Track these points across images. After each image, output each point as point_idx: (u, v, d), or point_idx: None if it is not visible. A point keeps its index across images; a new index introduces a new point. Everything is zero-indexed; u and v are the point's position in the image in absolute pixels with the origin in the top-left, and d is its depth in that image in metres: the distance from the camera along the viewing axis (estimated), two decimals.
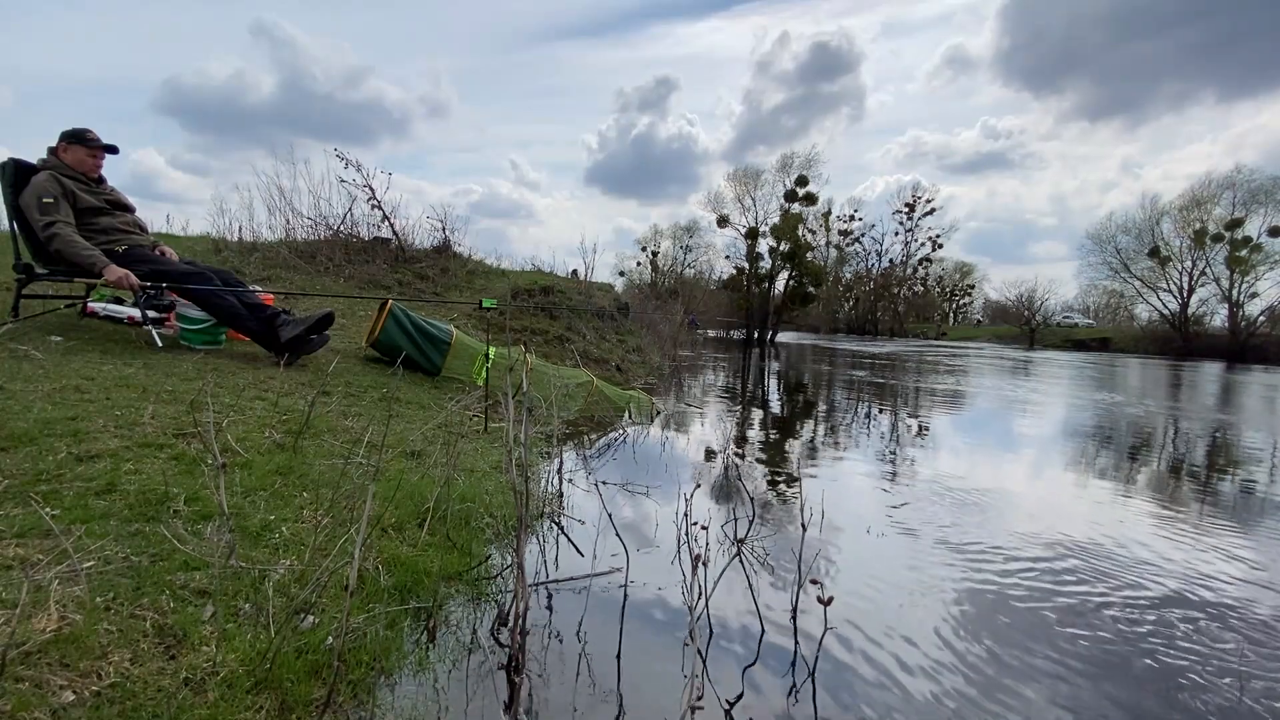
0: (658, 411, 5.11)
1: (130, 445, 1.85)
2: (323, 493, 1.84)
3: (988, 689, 1.48)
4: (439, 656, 1.41)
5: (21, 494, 1.46)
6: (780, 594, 1.90)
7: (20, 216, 3.13)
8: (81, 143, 3.24)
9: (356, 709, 1.19)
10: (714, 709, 1.34)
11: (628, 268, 35.78)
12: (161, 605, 1.19)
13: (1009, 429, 5.69)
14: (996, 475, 3.73)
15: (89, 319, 3.42)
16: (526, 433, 1.58)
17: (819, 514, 2.43)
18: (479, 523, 2.10)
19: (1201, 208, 33.29)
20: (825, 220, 42.67)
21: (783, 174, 29.73)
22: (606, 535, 2.15)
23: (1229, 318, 32.64)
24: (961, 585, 2.06)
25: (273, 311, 3.48)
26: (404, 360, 3.92)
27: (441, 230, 8.55)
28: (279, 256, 6.82)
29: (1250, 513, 3.16)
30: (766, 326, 29.64)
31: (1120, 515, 2.98)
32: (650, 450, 3.79)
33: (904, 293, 53.88)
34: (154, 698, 1.00)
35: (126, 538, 1.38)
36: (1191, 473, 4.10)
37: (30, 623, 1.04)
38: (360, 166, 7.69)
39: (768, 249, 30.00)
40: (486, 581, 1.77)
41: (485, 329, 5.75)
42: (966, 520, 2.75)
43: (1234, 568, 2.36)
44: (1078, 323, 43.57)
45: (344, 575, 1.44)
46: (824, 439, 4.67)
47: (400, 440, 2.68)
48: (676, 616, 1.73)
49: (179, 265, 3.39)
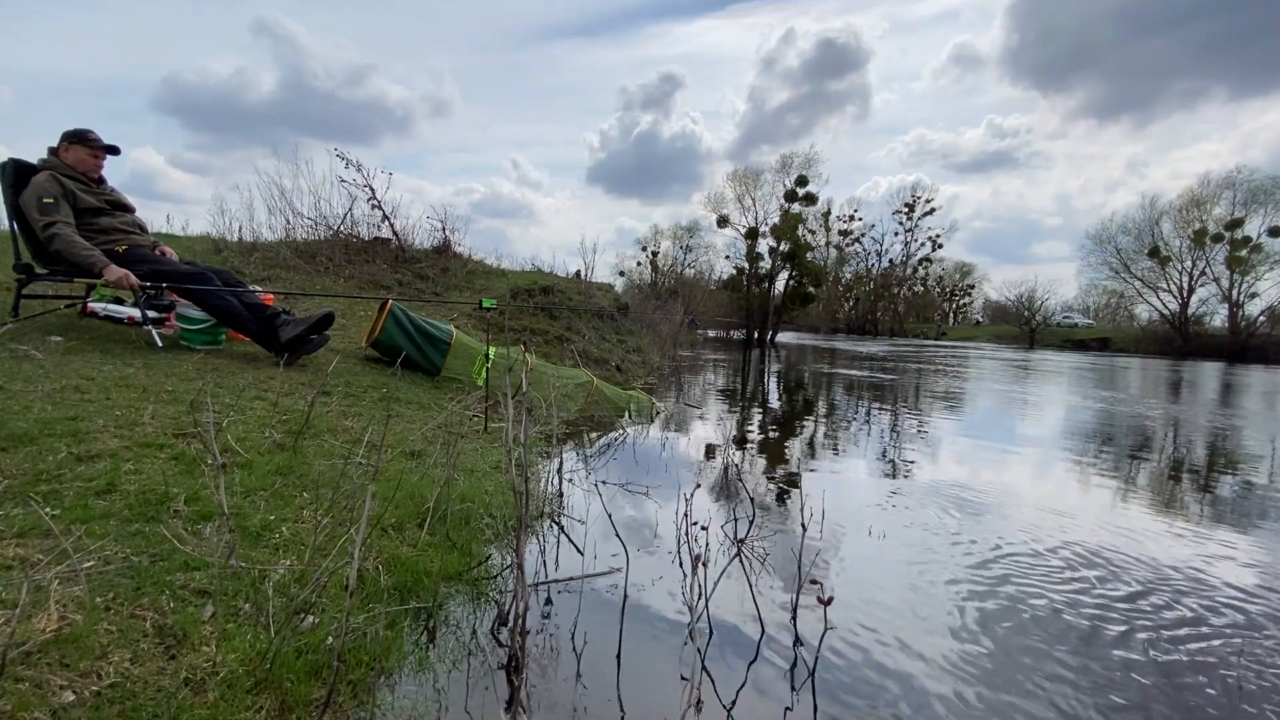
0: (658, 411, 5.11)
1: (130, 445, 1.85)
2: (323, 493, 1.84)
3: (988, 689, 1.48)
4: (439, 656, 1.41)
5: (21, 494, 1.46)
6: (780, 594, 1.90)
7: (20, 216, 3.13)
8: (83, 143, 3.25)
9: (356, 709, 1.19)
10: (714, 709, 1.34)
11: (628, 268, 35.74)
12: (161, 605, 1.19)
13: (1009, 429, 5.69)
14: (996, 475, 3.73)
15: (89, 319, 3.43)
16: (526, 433, 1.58)
17: (819, 514, 2.43)
18: (479, 523, 2.10)
19: (1201, 208, 33.31)
20: (825, 220, 42.71)
21: (782, 174, 29.71)
22: (606, 535, 2.15)
23: (1229, 318, 32.65)
24: (962, 585, 2.06)
25: (273, 311, 3.48)
26: (404, 360, 3.92)
27: (441, 230, 8.56)
28: (279, 256, 6.82)
29: (1252, 512, 3.15)
30: (766, 326, 29.62)
31: (1121, 515, 2.98)
32: (650, 450, 3.79)
33: (904, 293, 53.93)
34: (154, 698, 1.00)
35: (126, 538, 1.38)
36: (1192, 472, 4.10)
37: (30, 623, 1.04)
38: (361, 166, 7.70)
39: (768, 249, 29.98)
40: (486, 581, 1.77)
41: (485, 329, 5.75)
42: (967, 520, 2.75)
43: (1235, 567, 2.36)
44: (1077, 323, 43.54)
45: (344, 575, 1.44)
46: (824, 439, 4.67)
47: (400, 440, 2.68)
48: (676, 616, 1.73)
49: (179, 265, 3.39)
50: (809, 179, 29.29)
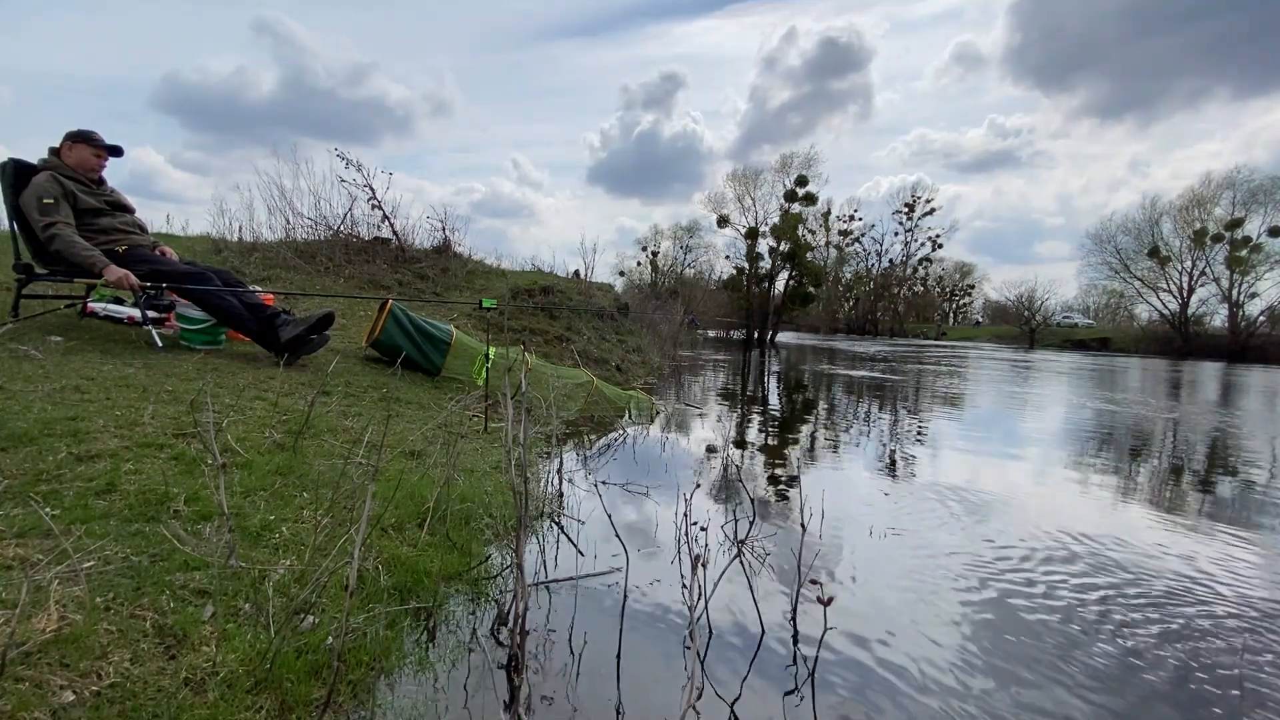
0: (658, 411, 5.11)
1: (130, 445, 1.85)
2: (323, 493, 1.84)
3: (988, 689, 1.48)
4: (439, 656, 1.41)
5: (21, 494, 1.46)
6: (780, 594, 1.90)
7: (20, 217, 3.13)
8: (87, 143, 3.26)
9: (356, 709, 1.19)
10: (713, 709, 1.34)
11: (628, 268, 35.74)
12: (161, 605, 1.19)
13: (1009, 429, 5.69)
14: (996, 475, 3.73)
15: (89, 319, 3.43)
16: (526, 433, 1.58)
17: (819, 514, 2.43)
18: (479, 523, 2.10)
19: (1201, 207, 33.33)
20: (825, 220, 42.70)
21: (782, 174, 29.72)
22: (606, 535, 2.15)
23: (1229, 318, 32.67)
24: (962, 585, 2.06)
25: (273, 311, 3.48)
26: (404, 360, 3.92)
27: (442, 230, 8.56)
28: (279, 256, 6.83)
29: (1251, 512, 3.15)
30: (766, 326, 29.62)
31: (1122, 515, 2.98)
32: (650, 450, 3.79)
33: (904, 293, 53.94)
34: (154, 698, 1.00)
35: (126, 538, 1.38)
36: (1193, 472, 4.10)
37: (30, 623, 1.04)
38: (361, 166, 7.70)
39: (767, 249, 29.99)
40: (486, 581, 1.77)
41: (485, 329, 5.75)
42: (967, 520, 2.75)
43: (1237, 566, 2.36)
44: (1077, 323, 43.53)
45: (344, 575, 1.44)
46: (824, 439, 4.67)
47: (400, 440, 2.68)
48: (676, 617, 1.73)
49: (179, 265, 3.39)
50: (809, 179, 29.31)
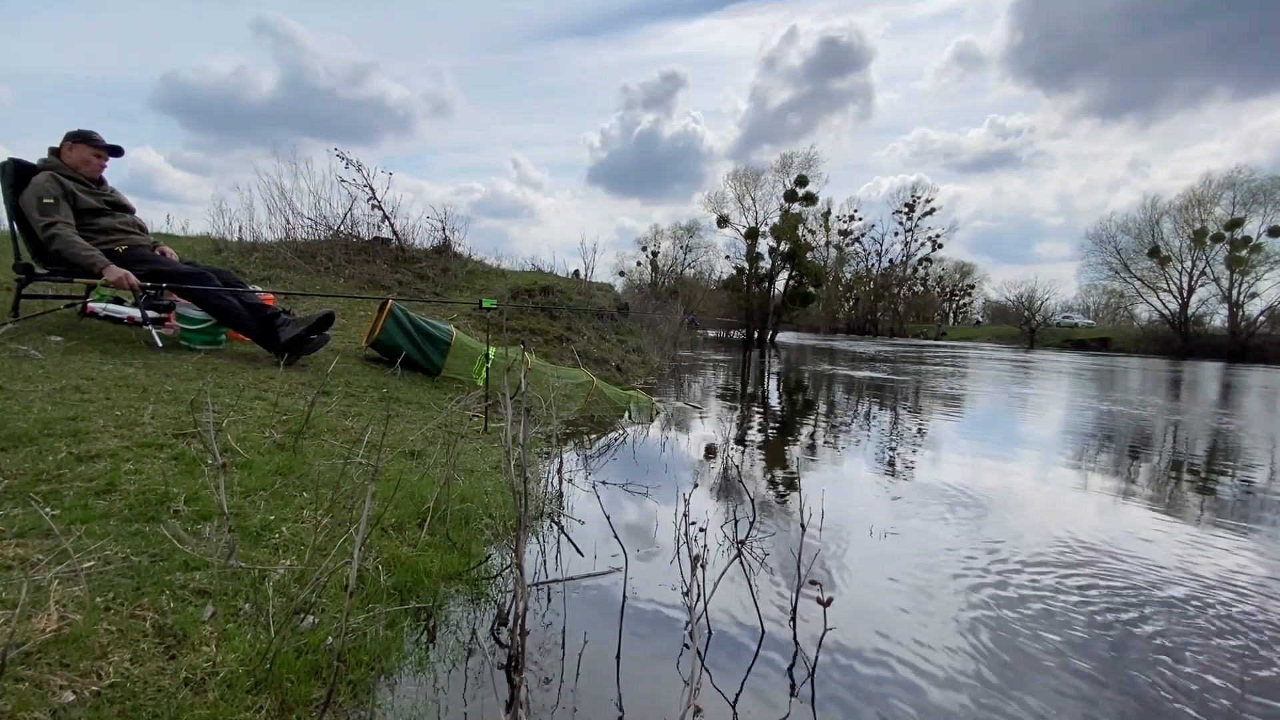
0: (658, 411, 5.11)
1: (130, 445, 1.85)
2: (323, 493, 1.84)
3: (988, 689, 1.48)
4: (439, 656, 1.41)
5: (21, 494, 1.46)
6: (780, 595, 1.90)
7: (20, 217, 3.13)
8: (88, 143, 3.26)
9: (356, 709, 1.19)
10: (713, 710, 1.35)
11: (628, 268, 35.72)
12: (161, 605, 1.19)
13: (1009, 429, 5.69)
14: (996, 475, 3.73)
15: (89, 319, 3.43)
16: (525, 433, 1.58)
17: (819, 514, 2.43)
18: (479, 523, 2.10)
19: (1201, 207, 33.33)
20: (825, 220, 42.73)
21: (782, 174, 29.71)
22: (606, 536, 2.15)
23: (1229, 318, 32.66)
24: (962, 586, 2.06)
25: (273, 311, 3.48)
26: (404, 360, 3.92)
27: (441, 230, 8.56)
28: (279, 256, 6.82)
29: (1252, 511, 3.15)
30: (766, 326, 29.62)
31: (1122, 515, 2.98)
32: (650, 450, 3.79)
33: (904, 293, 53.94)
34: (154, 698, 1.00)
35: (126, 538, 1.38)
36: (1193, 472, 4.10)
37: (30, 623, 1.04)
38: (361, 166, 7.70)
39: (767, 249, 29.98)
40: (486, 581, 1.77)
41: (485, 329, 5.75)
42: (967, 520, 2.75)
43: (1240, 565, 2.36)
44: (1077, 323, 43.54)
45: (344, 575, 1.44)
46: (824, 439, 4.67)
47: (400, 440, 2.68)
48: (676, 617, 1.73)
49: (179, 265, 3.40)
50: (809, 179, 29.31)
